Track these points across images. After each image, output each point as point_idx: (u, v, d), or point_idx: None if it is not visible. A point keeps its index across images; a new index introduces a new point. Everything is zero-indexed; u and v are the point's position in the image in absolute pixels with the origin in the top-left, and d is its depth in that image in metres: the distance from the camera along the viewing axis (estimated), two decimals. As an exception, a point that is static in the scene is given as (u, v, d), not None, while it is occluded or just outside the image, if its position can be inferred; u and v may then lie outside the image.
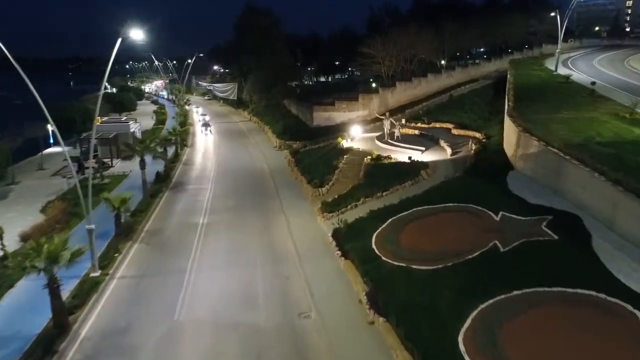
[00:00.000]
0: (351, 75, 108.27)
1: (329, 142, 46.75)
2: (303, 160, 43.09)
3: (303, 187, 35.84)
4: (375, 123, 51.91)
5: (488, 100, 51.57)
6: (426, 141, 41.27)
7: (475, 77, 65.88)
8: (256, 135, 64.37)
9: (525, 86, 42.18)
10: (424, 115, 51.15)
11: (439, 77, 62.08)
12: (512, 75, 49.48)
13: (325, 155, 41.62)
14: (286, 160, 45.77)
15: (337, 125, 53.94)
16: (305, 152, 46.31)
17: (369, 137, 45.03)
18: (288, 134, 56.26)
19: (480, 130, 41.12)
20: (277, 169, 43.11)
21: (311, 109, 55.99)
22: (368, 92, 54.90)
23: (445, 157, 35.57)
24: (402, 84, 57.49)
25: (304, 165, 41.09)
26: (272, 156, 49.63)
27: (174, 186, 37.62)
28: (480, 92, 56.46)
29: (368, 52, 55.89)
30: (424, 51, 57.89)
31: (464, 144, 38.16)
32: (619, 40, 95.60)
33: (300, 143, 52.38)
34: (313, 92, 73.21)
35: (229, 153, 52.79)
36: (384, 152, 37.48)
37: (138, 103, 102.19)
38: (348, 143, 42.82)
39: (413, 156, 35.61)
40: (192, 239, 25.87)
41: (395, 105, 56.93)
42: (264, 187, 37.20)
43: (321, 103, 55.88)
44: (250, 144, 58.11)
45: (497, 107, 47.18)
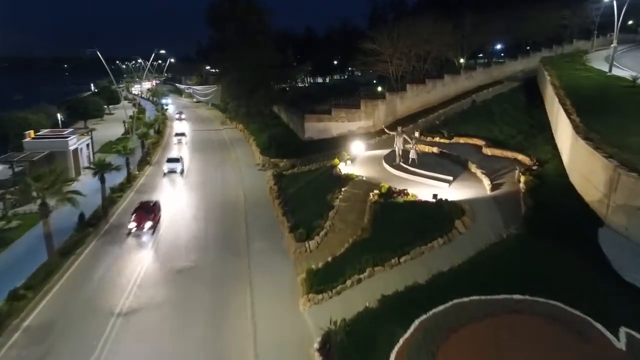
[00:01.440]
0: (351, 76, 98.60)
1: (323, 163, 37.08)
2: (288, 188, 33.41)
3: (285, 233, 26.06)
4: (381, 136, 42.23)
5: (522, 108, 41.87)
6: (451, 165, 31.58)
7: (499, 79, 56.19)
8: (239, 148, 54.66)
9: (579, 92, 32.57)
10: (442, 126, 41.44)
11: (457, 78, 52.40)
12: (554, 76, 39.75)
13: (317, 183, 31.96)
14: (268, 187, 36.03)
15: (333, 139, 44.28)
16: (292, 177, 36.61)
17: (375, 157, 35.32)
18: (274, 149, 46.67)
19: (522, 149, 31.51)
20: (254, 201, 33.41)
21: (302, 119, 46.29)
22: (372, 98, 45.25)
23: (483, 192, 25.83)
24: (413, 88, 47.82)
25: (289, 197, 31.43)
26: (252, 179, 39.94)
27: (108, 231, 27.85)
28: (509, 98, 46.74)
29: (373, 48, 46.22)
30: (439, 47, 48.22)
31: (506, 171, 28.49)
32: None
33: (288, 161, 42.80)
34: (307, 95, 63.48)
35: (200, 175, 43.08)
36: (396, 183, 27.84)
37: (117, 107, 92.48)
38: (347, 166, 33.10)
39: (438, 190, 25.96)
40: (92, 344, 16.15)
41: (405, 114, 47.28)
42: (233, 233, 27.50)
43: (315, 111, 46.21)
44: (229, 161, 48.39)
45: (538, 118, 37.64)
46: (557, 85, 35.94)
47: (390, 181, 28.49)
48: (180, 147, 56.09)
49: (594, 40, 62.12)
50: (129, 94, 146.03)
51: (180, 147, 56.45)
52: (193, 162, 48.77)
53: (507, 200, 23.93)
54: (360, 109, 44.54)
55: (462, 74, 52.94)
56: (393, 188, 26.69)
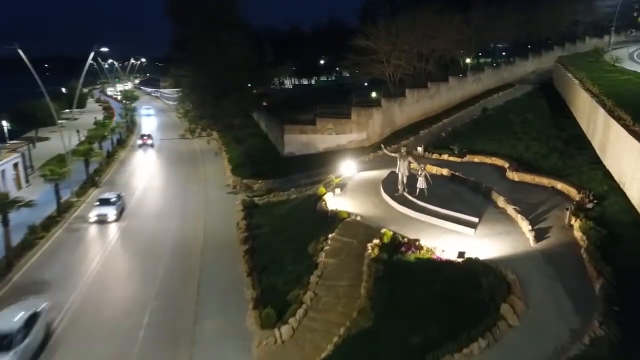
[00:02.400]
0: (339, 77, 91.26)
1: (306, 188, 29.95)
2: (260, 227, 26.10)
3: (249, 304, 18.65)
4: (377, 152, 35.21)
5: (546, 118, 35.25)
6: (469, 194, 24.64)
7: (510, 81, 49.66)
8: (210, 163, 47.01)
9: (633, 101, 25.87)
10: (451, 140, 34.52)
11: (464, 81, 45.62)
12: (586, 80, 33.14)
13: (297, 222, 24.74)
14: (236, 221, 28.55)
15: (319, 155, 37.18)
16: (266, 208, 29.31)
17: (371, 182, 28.23)
18: (249, 167, 39.29)
19: (562, 175, 24.70)
20: (216, 245, 26.00)
21: (281, 131, 39.02)
22: (365, 105, 38.10)
23: (524, 242, 18.82)
24: (414, 93, 40.85)
25: (260, 243, 24.08)
26: (218, 208, 32.49)
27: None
28: (527, 104, 40.13)
29: (366, 45, 39.07)
30: (445, 44, 41.33)
31: (549, 209, 21.59)
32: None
33: (263, 183, 35.61)
34: (288, 101, 56.27)
35: (155, 201, 35.58)
36: (402, 225, 20.87)
37: (84, 111, 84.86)
38: (336, 196, 25.91)
39: (461, 238, 19.03)
40: None
41: (404, 124, 40.37)
42: (178, 301, 20.05)
43: (296, 121, 38.96)
44: (195, 181, 40.83)
45: (571, 132, 30.98)
46: (595, 92, 29.21)
47: (393, 221, 21.44)
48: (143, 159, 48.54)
49: (611, 37, 56.01)
50: (104, 96, 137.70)
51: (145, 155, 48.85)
52: (152, 181, 41.19)
53: (563, 260, 16.98)
54: (351, 118, 37.41)
55: (469, 76, 46.15)
56: (399, 236, 19.60)
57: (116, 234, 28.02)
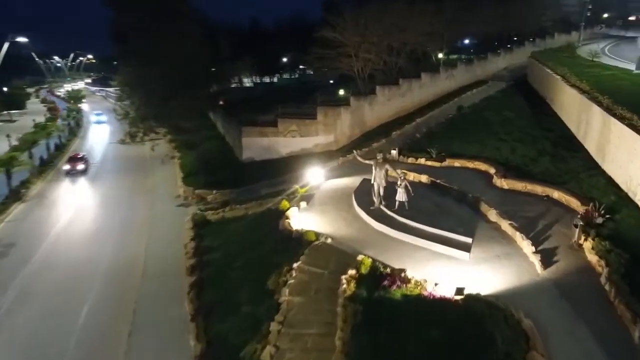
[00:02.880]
0: (303, 75, 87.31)
1: (267, 201, 26.05)
2: (212, 250, 21.96)
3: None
4: (346, 156, 31.77)
5: (528, 117, 32.78)
6: (454, 206, 21.50)
7: (482, 78, 47.37)
8: (160, 169, 42.08)
9: (629, 99, 23.43)
10: (427, 142, 31.51)
11: (437, 77, 42.83)
12: (572, 76, 30.86)
13: (255, 242, 20.76)
14: (185, 242, 24.28)
15: (282, 160, 33.37)
16: (221, 225, 25.17)
17: (341, 192, 24.69)
18: (203, 175, 34.89)
19: (557, 182, 21.94)
20: (158, 273, 21.69)
21: (239, 133, 34.89)
22: (332, 104, 34.49)
23: (529, 269, 15.69)
24: (384, 90, 37.59)
25: (211, 268, 20.02)
26: (165, 225, 28.07)
27: None
28: (504, 103, 37.70)
29: (333, 36, 35.44)
30: (417, 37, 38.30)
31: (549, 223, 18.67)
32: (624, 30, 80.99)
33: (218, 194, 31.38)
34: (249, 99, 52.11)
35: (92, 216, 30.67)
36: (382, 249, 17.33)
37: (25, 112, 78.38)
38: (301, 211, 22.21)
39: (453, 263, 15.76)
40: None
41: (375, 125, 37.12)
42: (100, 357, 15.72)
43: (256, 123, 34.88)
44: (142, 191, 36.01)
45: (558, 132, 28.51)
46: (584, 88, 26.76)
47: (371, 243, 17.98)
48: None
49: (581, 33, 54.93)
50: (51, 96, 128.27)
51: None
52: (90, 193, 36.11)
53: (582, 293, 13.96)
54: (316, 119, 33.72)
55: (442, 72, 43.40)
56: (380, 265, 16.10)
57: (32, 265, 23.17)
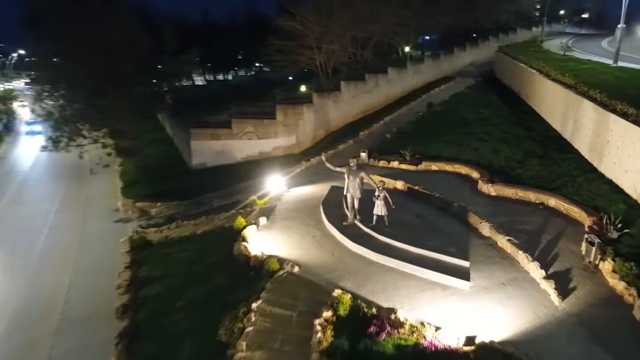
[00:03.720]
0: (259, 72, 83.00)
1: (220, 216, 22.26)
2: (151, 283, 17.88)
3: None
4: (311, 161, 28.45)
5: (505, 115, 30.62)
6: (436, 217, 18.55)
7: (449, 74, 45.37)
8: (98, 179, 36.91)
9: (624, 92, 21.35)
10: (397, 142, 28.72)
11: (404, 73, 40.22)
12: (546, 70, 28.91)
13: (204, 273, 16.94)
14: (119, 270, 20.02)
15: (237, 166, 29.62)
16: (164, 247, 21.05)
17: (307, 202, 21.33)
18: (146, 185, 30.43)
19: (552, 188, 19.55)
20: (83, 313, 17.46)
21: (188, 135, 30.74)
22: (292, 102, 30.96)
23: (547, 305, 12.83)
24: (349, 86, 34.47)
25: (147, 309, 16.04)
26: (98, 246, 23.67)
27: None
28: (476, 99, 35.62)
29: (293, 25, 31.86)
30: (382, 29, 35.41)
31: (553, 238, 16.03)
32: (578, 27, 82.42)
33: (164, 207, 27.23)
34: (201, 98, 47.77)
35: (9, 236, 25.61)
36: (363, 278, 14.11)
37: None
38: (260, 230, 18.60)
39: (449, 293, 12.71)
40: None
41: (341, 124, 33.96)
42: None
43: (206, 124, 30.85)
44: (74, 204, 31.15)
45: (540, 131, 26.35)
46: (570, 83, 24.64)
47: (348, 271, 14.71)
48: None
49: (543, 27, 54.23)
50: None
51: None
52: (12, 206, 30.84)
53: (613, 332, 11.21)
54: (275, 119, 30.12)
55: (409, 67, 40.84)
56: (362, 304, 12.81)
57: None
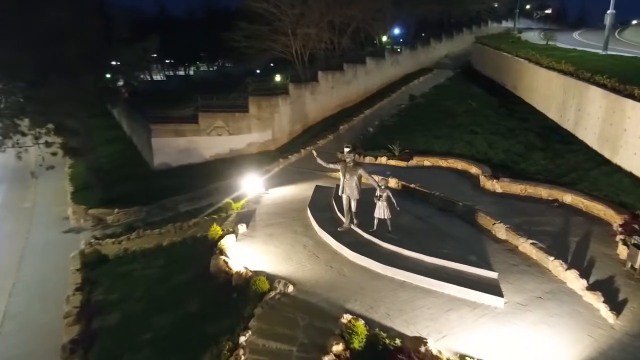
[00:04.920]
0: (222, 67, 78.72)
1: (189, 224, 19.22)
2: (108, 310, 14.62)
3: None
4: (289, 158, 25.78)
5: (494, 107, 28.97)
6: (440, 218, 16.29)
7: (427, 65, 43.73)
8: (46, 182, 32.72)
9: (628, 78, 19.88)
10: (381, 136, 26.50)
11: (382, 63, 38.12)
12: (536, 57, 27.49)
13: (173, 297, 13.91)
14: (68, 293, 16.58)
15: (206, 166, 26.52)
16: (122, 263, 17.73)
17: (290, 205, 18.71)
18: (100, 189, 26.75)
19: (564, 183, 17.76)
20: (20, 350, 13.96)
21: (148, 132, 27.33)
22: (267, 94, 28.11)
23: (601, 324, 10.71)
24: (327, 76, 31.98)
25: (103, 347, 12.84)
26: (43, 262, 20.06)
27: None
28: (459, 91, 33.96)
29: (265, 8, 28.90)
30: (360, 15, 33.08)
31: (581, 240, 14.11)
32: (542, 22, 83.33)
33: (122, 214, 23.89)
34: (161, 92, 44.08)
35: None
36: (373, 298, 11.54)
37: None
38: (240, 240, 15.74)
39: (490, 327, 10.29)
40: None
41: (319, 118, 31.45)
42: None
43: (170, 119, 27.54)
44: (16, 212, 27.14)
45: (536, 122, 24.80)
46: (568, 70, 23.07)
47: (352, 288, 12.17)
48: None
49: (516, 21, 53.87)
50: None
51: None
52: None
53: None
54: (248, 112, 27.17)
55: (387, 57, 38.73)
56: (380, 333, 10.25)
57: None
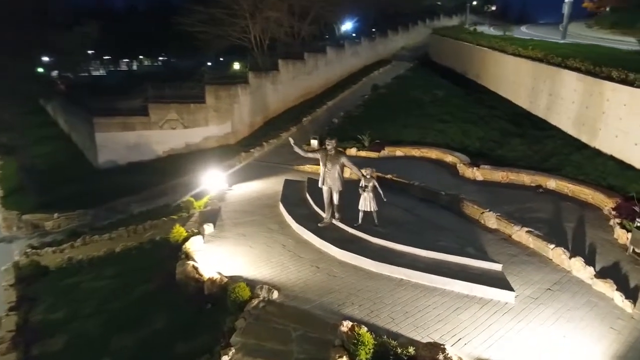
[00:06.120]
0: (168, 62, 74.36)
1: (145, 226, 16.99)
2: (51, 333, 12.19)
3: None
4: (251, 152, 23.96)
5: (461, 95, 28.52)
6: (425, 209, 15.23)
7: (384, 57, 43.13)
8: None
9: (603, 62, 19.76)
10: (348, 127, 25.29)
11: (342, 54, 36.94)
12: (499, 45, 27.41)
13: (135, 308, 11.81)
14: (2, 312, 13.92)
15: (159, 162, 24.12)
16: (68, 275, 15.20)
17: (259, 201, 17.03)
18: (36, 192, 23.67)
19: (546, 168, 17.31)
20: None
21: (91, 127, 24.49)
22: (225, 83, 26.02)
23: (620, 315, 9.84)
24: (288, 65, 30.30)
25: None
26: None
27: None
28: (421, 81, 33.40)
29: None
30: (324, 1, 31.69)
31: (576, 226, 13.46)
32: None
33: (64, 218, 21.16)
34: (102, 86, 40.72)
35: None
36: (369, 299, 10.13)
37: None
38: (208, 242, 13.80)
39: (503, 325, 9.17)
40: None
41: (280, 109, 29.72)
42: None
43: (115, 111, 24.80)
44: None
45: (505, 109, 24.56)
46: (538, 56, 22.90)
47: (344, 290, 10.64)
48: None
49: (467, 15, 54.84)
50: None
51: None
52: None
53: None
54: (205, 103, 24.99)
55: (347, 47, 37.60)
56: (390, 342, 8.80)
57: None
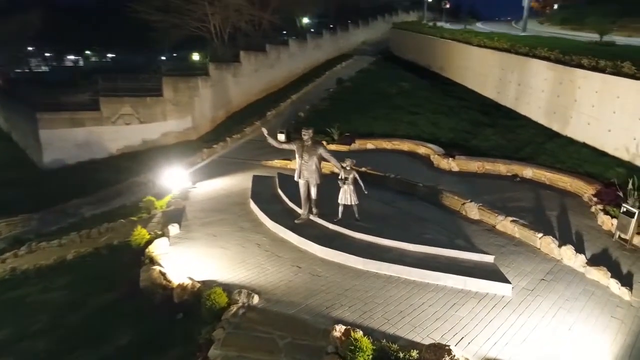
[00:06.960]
0: (117, 57, 70.57)
1: (100, 230, 15.36)
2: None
3: None
4: (214, 147, 22.62)
5: (426, 87, 28.35)
6: (404, 202, 14.59)
7: (346, 51, 42.61)
8: None
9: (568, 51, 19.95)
10: (316, 121, 24.36)
11: (305, 47, 36.02)
12: (464, 38, 27.46)
13: (94, 322, 10.38)
14: None
15: (113, 160, 22.32)
16: (11, 287, 13.37)
17: (227, 199, 15.89)
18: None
19: (522, 157, 17.17)
20: None
21: (35, 123, 22.29)
22: (184, 75, 24.44)
23: (615, 302, 9.51)
24: (250, 57, 29.01)
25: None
26: None
27: None
28: (386, 74, 33.09)
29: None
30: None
31: (559, 214, 13.26)
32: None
33: (4, 224, 19.23)
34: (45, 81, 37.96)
35: None
36: (355, 297, 9.36)
37: None
38: (174, 244, 12.50)
39: (502, 319, 8.63)
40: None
41: (243, 103, 28.40)
42: None
43: (62, 106, 22.71)
44: None
45: (473, 99, 24.57)
46: (503, 46, 22.97)
47: (331, 290, 9.76)
48: None
49: (425, 10, 55.29)
50: None
51: None
52: None
53: None
54: (163, 96, 23.34)
55: (310, 40, 36.71)
56: (389, 346, 7.97)
57: None
